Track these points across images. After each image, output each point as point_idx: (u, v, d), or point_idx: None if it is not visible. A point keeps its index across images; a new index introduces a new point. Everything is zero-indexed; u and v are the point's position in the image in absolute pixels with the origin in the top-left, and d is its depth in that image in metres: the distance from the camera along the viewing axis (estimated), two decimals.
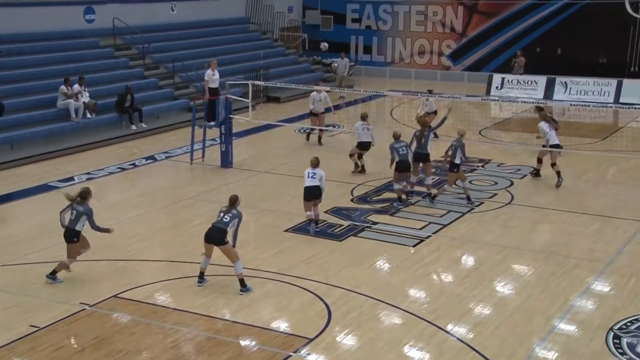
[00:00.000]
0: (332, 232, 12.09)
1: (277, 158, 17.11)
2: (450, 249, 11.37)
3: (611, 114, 22.11)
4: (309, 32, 30.67)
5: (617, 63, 25.15)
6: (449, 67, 28.87)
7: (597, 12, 25.46)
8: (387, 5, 29.62)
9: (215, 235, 9.75)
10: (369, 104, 24.70)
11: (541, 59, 26.54)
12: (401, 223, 12.47)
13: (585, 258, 10.86)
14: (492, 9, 27.70)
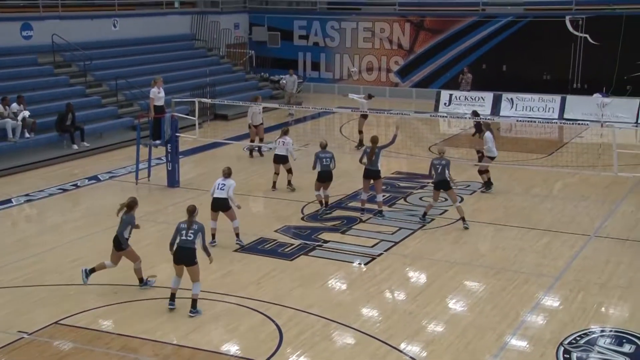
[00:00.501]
0: (283, 252, 12.05)
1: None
2: (402, 267, 11.46)
3: (556, 130, 22.77)
4: (255, 49, 30.71)
5: (561, 80, 25.95)
6: (397, 84, 29.29)
7: (541, 30, 26.24)
8: (334, 22, 29.91)
9: (184, 256, 9.60)
10: (318, 121, 24.82)
11: (487, 75, 27.18)
12: (352, 241, 12.52)
13: (534, 273, 11.10)
14: (438, 26, 28.25)
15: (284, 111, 24.76)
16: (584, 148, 19.55)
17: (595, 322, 9.48)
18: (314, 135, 21.29)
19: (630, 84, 24.80)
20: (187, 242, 9.62)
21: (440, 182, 13.09)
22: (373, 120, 24.20)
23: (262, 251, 12.09)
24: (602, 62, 25.13)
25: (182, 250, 9.64)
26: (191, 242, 9.60)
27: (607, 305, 10.03)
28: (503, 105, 25.31)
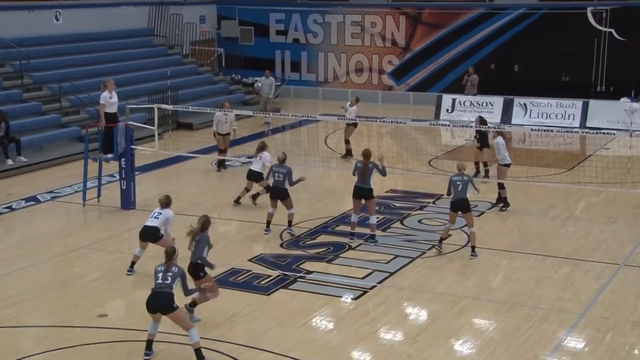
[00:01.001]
0: (258, 285, 12.01)
1: (191, 197, 16.95)
2: (399, 302, 11.45)
3: (577, 140, 22.98)
4: (225, 47, 30.80)
5: (582, 82, 26.24)
6: (392, 87, 29.47)
7: (559, 24, 26.57)
8: (317, 15, 30.09)
9: (159, 303, 9.48)
10: (299, 131, 24.90)
11: (497, 77, 27.44)
12: (340, 272, 12.51)
13: (554, 309, 11.12)
14: (438, 20, 28.51)
15: (258, 119, 24.80)
16: (610, 161, 19.73)
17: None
18: (295, 147, 21.35)
19: None
20: (163, 287, 9.52)
21: (460, 201, 13.12)
22: (363, 130, 24.32)
23: (234, 284, 12.03)
24: (631, 60, 25.48)
25: (155, 295, 9.53)
26: (168, 287, 9.52)
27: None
28: (515, 111, 25.55)
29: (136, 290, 11.81)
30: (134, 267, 12.42)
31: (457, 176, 13.23)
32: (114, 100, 16.72)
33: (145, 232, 12.16)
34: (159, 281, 9.52)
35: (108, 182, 17.31)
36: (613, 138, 21.05)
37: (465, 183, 13.11)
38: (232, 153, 19.85)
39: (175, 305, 9.45)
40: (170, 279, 9.51)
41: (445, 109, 26.50)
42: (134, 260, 12.41)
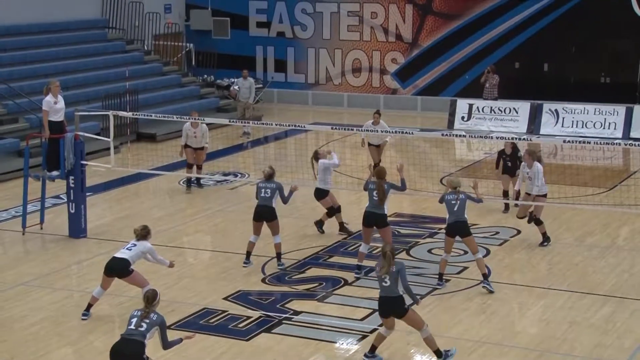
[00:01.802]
0: (236, 328, 12.05)
1: (154, 222, 16.90)
2: (405, 348, 11.50)
3: (620, 154, 23.13)
4: (196, 41, 30.90)
5: (626, 83, 26.46)
6: (396, 90, 29.63)
7: (597, 13, 26.79)
8: (307, 4, 30.25)
9: (126, 353, 9.48)
10: (284, 142, 24.98)
11: (522, 78, 27.63)
12: (334, 312, 12.56)
13: (592, 357, 11.20)
14: (452, 9, 28.72)
15: (236, 129, 24.88)
16: None
17: None
18: (280, 163, 21.40)
19: None
20: (135, 334, 9.55)
21: (457, 224, 13.23)
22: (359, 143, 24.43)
23: (207, 327, 12.05)
24: None
25: (125, 343, 9.55)
26: (140, 335, 9.55)
27: None
28: (544, 119, 25.73)
29: (87, 336, 11.82)
30: (90, 310, 12.35)
31: (451, 194, 13.33)
32: (60, 106, 16.72)
33: (113, 265, 12.14)
34: (131, 327, 9.53)
35: (53, 204, 17.32)
36: None
37: (462, 202, 13.22)
38: (206, 169, 19.94)
39: (145, 357, 9.45)
40: (145, 325, 9.54)
41: (460, 117, 26.66)
42: (91, 302, 12.35)
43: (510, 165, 17.17)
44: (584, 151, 23.41)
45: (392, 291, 10.58)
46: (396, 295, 10.58)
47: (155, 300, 9.76)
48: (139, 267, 12.38)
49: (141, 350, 9.46)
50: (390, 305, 10.67)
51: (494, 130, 25.48)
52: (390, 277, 10.56)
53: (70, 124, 17.14)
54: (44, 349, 11.46)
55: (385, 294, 10.67)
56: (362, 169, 20.21)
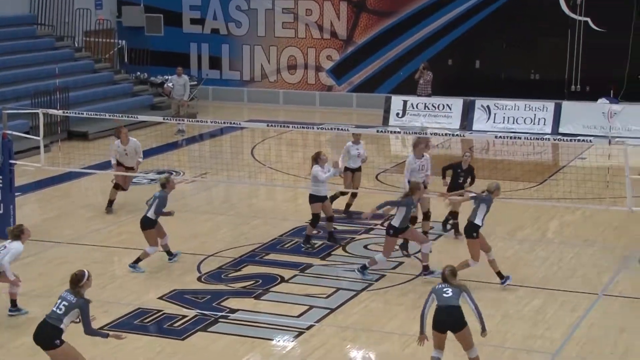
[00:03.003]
0: (171, 327, 12.00)
1: (86, 221, 16.83)
2: (341, 343, 11.58)
3: (549, 149, 23.55)
4: (128, 38, 30.64)
5: (554, 80, 26.94)
6: (332, 87, 29.75)
7: (526, 11, 27.25)
8: (241, 1, 30.21)
9: (41, 335, 9.56)
10: (220, 140, 24.92)
11: (455, 74, 27.96)
12: (270, 309, 12.59)
13: (523, 348, 11.40)
14: (387, 7, 28.93)
15: (171, 126, 24.74)
16: (586, 174, 20.25)
17: None
18: (214, 160, 21.38)
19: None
20: (52, 317, 9.62)
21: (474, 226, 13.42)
22: (298, 139, 24.53)
23: (141, 328, 11.99)
24: (609, 55, 26.25)
25: (42, 325, 9.64)
26: (57, 318, 9.59)
27: None
28: (477, 115, 26.07)
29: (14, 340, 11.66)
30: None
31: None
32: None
33: None
34: (54, 309, 9.64)
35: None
36: (590, 146, 21.59)
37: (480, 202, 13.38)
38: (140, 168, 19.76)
39: (57, 342, 9.46)
40: (63, 309, 9.58)
41: (395, 113, 26.87)
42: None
43: (461, 182, 15.57)
44: (515, 146, 23.79)
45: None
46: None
47: (82, 282, 9.73)
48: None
49: (53, 334, 9.50)
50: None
51: (428, 126, 25.74)
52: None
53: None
54: None
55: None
56: (297, 166, 20.28)
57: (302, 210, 17.78)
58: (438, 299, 10.08)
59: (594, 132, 23.93)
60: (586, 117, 24.87)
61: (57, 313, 9.59)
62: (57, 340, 9.51)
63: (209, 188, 19.31)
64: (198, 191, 19.15)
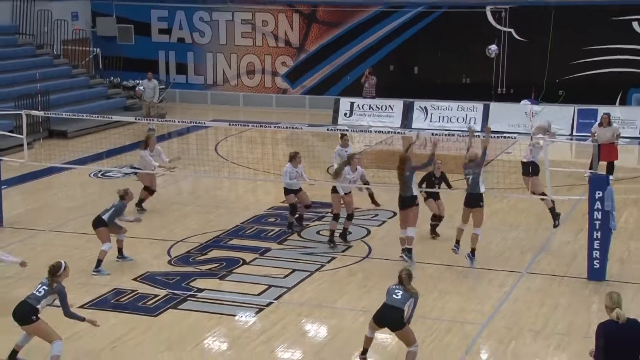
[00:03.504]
0: (144, 305, 11.97)
1: (66, 212, 16.68)
2: (297, 318, 11.66)
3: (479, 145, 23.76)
4: (102, 46, 30.36)
5: (483, 84, 27.26)
6: (286, 90, 29.76)
7: (458, 23, 27.50)
8: (204, 13, 30.09)
9: (18, 311, 9.73)
10: (187, 138, 24.81)
11: (396, 79, 28.14)
12: (234, 288, 12.62)
13: (457, 320, 11.59)
14: (334, 18, 29.01)
15: (143, 126, 24.57)
16: (512, 166, 20.48)
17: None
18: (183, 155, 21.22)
19: (563, 89, 26.42)
20: (31, 297, 9.74)
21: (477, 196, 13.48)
22: (257, 137, 24.52)
23: (117, 306, 11.95)
24: (530, 62, 26.63)
25: (20, 304, 9.82)
26: (35, 299, 9.71)
27: (543, 356, 10.60)
28: (415, 115, 26.29)
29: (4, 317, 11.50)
30: None
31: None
32: None
33: None
34: (33, 291, 9.78)
35: None
36: (514, 142, 21.89)
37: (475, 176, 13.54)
38: (115, 162, 19.66)
39: (34, 317, 9.60)
40: (43, 292, 9.72)
41: (343, 113, 26.99)
42: None
43: (437, 189, 15.30)
44: (449, 142, 23.91)
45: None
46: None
47: (59, 272, 9.81)
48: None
49: (31, 312, 9.64)
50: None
51: (373, 125, 25.91)
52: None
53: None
54: None
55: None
56: (256, 161, 20.28)
57: (261, 200, 17.87)
58: (387, 297, 9.99)
59: (518, 130, 24.15)
60: (511, 117, 25.19)
61: (36, 295, 9.73)
62: (34, 317, 9.65)
63: (178, 181, 19.22)
64: (167, 184, 19.06)
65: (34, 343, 10.00)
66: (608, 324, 7.85)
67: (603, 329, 7.83)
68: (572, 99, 25.72)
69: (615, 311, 7.83)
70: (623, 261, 13.81)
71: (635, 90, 26.08)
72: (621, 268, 13.49)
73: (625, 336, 7.75)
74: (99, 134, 24.10)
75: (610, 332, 7.76)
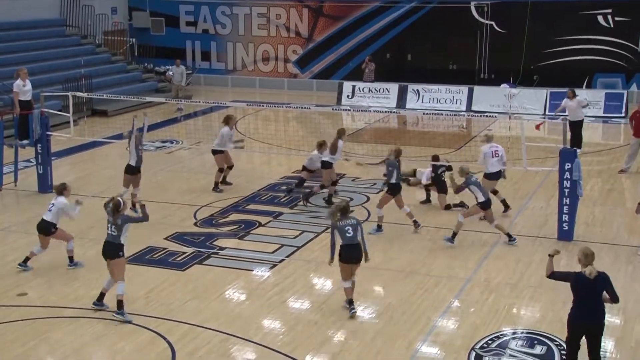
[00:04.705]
0: (174, 261, 11.93)
1: (107, 180, 16.62)
2: (306, 273, 11.61)
3: (464, 123, 23.64)
4: (137, 37, 30.15)
5: (468, 70, 27.00)
6: (297, 75, 29.53)
7: (446, 17, 27.19)
8: (225, 7, 29.83)
9: (105, 252, 10.04)
10: (210, 116, 24.68)
11: (392, 65, 27.88)
12: (251, 247, 12.56)
13: (445, 275, 11.51)
14: (338, 12, 28.72)
15: (171, 106, 24.45)
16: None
17: (506, 324, 9.96)
18: (207, 132, 21.15)
19: (537, 74, 26.15)
20: (110, 237, 10.01)
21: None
22: (270, 115, 24.37)
23: (151, 261, 11.91)
24: (509, 51, 26.36)
25: (106, 245, 10.07)
26: (113, 238, 9.98)
27: (519, 306, 10.55)
28: (409, 97, 26.05)
29: (56, 268, 11.54)
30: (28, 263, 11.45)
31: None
32: (28, 89, 16.26)
33: (40, 226, 11.38)
34: (108, 232, 10.04)
35: (25, 167, 16.77)
36: (495, 120, 21.75)
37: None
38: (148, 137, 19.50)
39: (121, 253, 9.94)
40: (116, 231, 9.95)
41: (346, 95, 26.76)
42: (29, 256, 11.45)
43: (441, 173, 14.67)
44: (438, 121, 23.82)
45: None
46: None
47: (120, 208, 10.01)
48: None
49: (118, 249, 9.95)
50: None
51: (372, 105, 25.72)
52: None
53: (37, 102, 16.54)
54: (21, 281, 11.15)
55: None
56: (270, 137, 20.15)
57: (274, 170, 17.76)
58: (343, 238, 9.89)
59: (498, 110, 24.09)
60: (492, 98, 24.95)
61: (112, 235, 9.97)
62: (121, 252, 9.96)
63: (202, 153, 19.09)
64: (193, 156, 18.96)
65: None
66: (580, 275, 8.03)
67: (575, 278, 8.09)
68: (545, 83, 25.48)
69: (588, 268, 7.97)
70: (588, 224, 13.71)
71: (600, 75, 25.80)
72: (586, 230, 13.38)
73: (591, 287, 8.00)
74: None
75: (581, 283, 8.00)
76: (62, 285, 10.97)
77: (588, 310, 7.98)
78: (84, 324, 9.70)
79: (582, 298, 8.00)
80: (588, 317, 7.98)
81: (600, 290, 7.99)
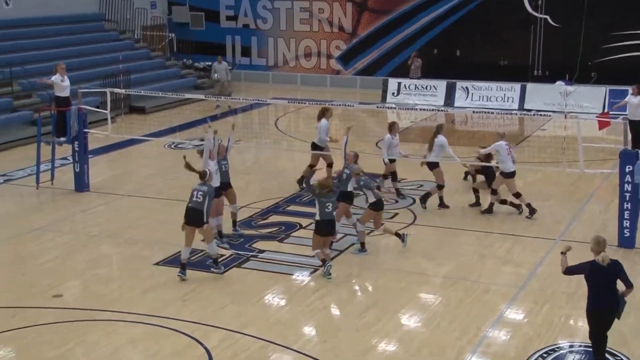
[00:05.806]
0: (212, 264, 11.90)
1: (144, 178, 16.74)
2: (348, 278, 11.49)
3: (516, 122, 23.29)
4: (176, 32, 30.40)
5: (520, 66, 26.59)
6: (339, 71, 29.45)
7: (497, 10, 26.84)
8: (267, 1, 29.90)
9: (191, 218, 10.93)
10: (250, 114, 24.74)
11: (439, 61, 27.62)
12: (292, 250, 12.50)
13: (495, 282, 11.29)
14: (383, 6, 28.56)
15: (210, 102, 24.60)
16: (546, 142, 20.04)
17: (562, 336, 9.71)
18: (246, 130, 21.21)
19: (595, 71, 25.63)
20: (196, 204, 10.92)
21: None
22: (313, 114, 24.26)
23: (189, 264, 11.89)
24: (565, 46, 25.90)
25: (190, 211, 10.95)
26: (199, 204, 10.88)
27: (576, 317, 10.26)
28: (457, 94, 25.77)
29: (91, 270, 11.63)
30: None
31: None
32: (66, 84, 16.41)
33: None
34: (194, 199, 11.01)
35: (61, 165, 17.00)
36: (549, 119, 21.39)
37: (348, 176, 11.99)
38: (186, 136, 19.66)
39: (205, 220, 10.93)
40: (201, 197, 10.94)
41: (391, 92, 26.59)
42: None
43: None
44: (489, 120, 23.52)
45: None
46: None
47: (206, 177, 11.18)
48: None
49: (201, 217, 10.89)
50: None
51: (418, 103, 25.50)
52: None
53: (75, 99, 16.74)
54: (57, 281, 11.27)
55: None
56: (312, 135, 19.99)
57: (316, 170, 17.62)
58: (322, 213, 11.14)
59: (553, 109, 23.72)
60: (546, 96, 24.58)
61: (197, 201, 10.92)
62: (206, 220, 10.92)
63: (242, 152, 19.13)
64: (233, 155, 18.92)
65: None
66: (594, 263, 8.44)
67: (589, 266, 8.49)
68: (604, 80, 24.95)
69: (601, 255, 8.40)
70: None
71: None
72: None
73: (605, 274, 8.41)
74: (172, 110, 24.15)
75: (595, 270, 8.42)
76: (98, 287, 11.05)
77: (603, 297, 8.31)
78: (119, 328, 9.73)
79: (597, 286, 8.37)
80: (604, 303, 8.31)
81: (614, 276, 8.37)
